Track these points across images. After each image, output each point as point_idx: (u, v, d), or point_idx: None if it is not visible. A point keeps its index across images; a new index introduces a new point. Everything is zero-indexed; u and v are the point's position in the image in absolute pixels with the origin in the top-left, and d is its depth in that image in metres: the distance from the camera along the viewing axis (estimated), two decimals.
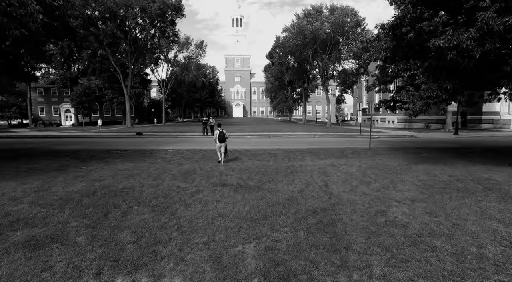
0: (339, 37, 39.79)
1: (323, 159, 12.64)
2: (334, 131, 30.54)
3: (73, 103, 53.37)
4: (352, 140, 21.39)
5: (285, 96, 71.19)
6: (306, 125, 48.00)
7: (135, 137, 23.11)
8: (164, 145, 18.16)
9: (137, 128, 37.87)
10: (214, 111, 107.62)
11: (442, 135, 25.00)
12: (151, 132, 26.58)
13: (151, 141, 20.72)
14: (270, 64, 72.35)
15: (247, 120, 78.94)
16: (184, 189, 8.03)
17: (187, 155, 13.84)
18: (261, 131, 26.98)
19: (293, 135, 23.86)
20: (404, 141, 21.09)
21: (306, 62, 46.42)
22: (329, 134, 24.75)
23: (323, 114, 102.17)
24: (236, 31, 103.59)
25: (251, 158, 13.07)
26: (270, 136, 23.12)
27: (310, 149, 15.63)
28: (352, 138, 22.73)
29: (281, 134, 24.82)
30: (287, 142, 20.03)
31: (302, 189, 7.98)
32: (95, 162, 12.10)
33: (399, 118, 43.14)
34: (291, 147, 16.85)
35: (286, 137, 22.93)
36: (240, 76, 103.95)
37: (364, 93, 56.74)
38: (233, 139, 21.87)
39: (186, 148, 16.38)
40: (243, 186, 8.30)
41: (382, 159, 12.76)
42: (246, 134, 24.48)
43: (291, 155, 13.65)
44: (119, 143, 19.60)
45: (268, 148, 16.23)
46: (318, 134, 23.95)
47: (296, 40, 37.80)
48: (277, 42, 48.02)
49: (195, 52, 58.55)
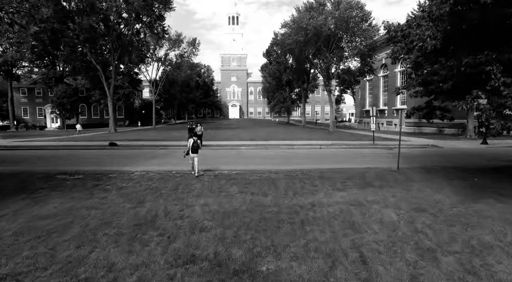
0: (342, 33, 36.37)
1: (341, 190, 9.15)
2: (340, 138, 27.10)
3: (54, 105, 49.46)
4: (366, 152, 17.94)
5: (283, 97, 67.74)
6: (306, 129, 44.48)
7: (107, 149, 19.45)
8: (135, 162, 14.57)
9: (120, 133, 34.24)
10: (209, 112, 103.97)
11: (469, 145, 21.58)
12: (129, 142, 22.88)
13: (123, 154, 17.09)
14: (268, 63, 68.87)
15: (243, 122, 75.34)
16: (117, 274, 4.49)
17: (156, 182, 10.28)
18: (256, 140, 23.44)
19: (295, 145, 20.33)
20: (428, 153, 17.64)
21: (307, 60, 42.94)
22: (336, 144, 21.25)
23: (322, 115, 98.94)
24: (232, 30, 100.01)
25: (242, 187, 9.56)
26: (268, 147, 19.59)
27: (320, 169, 12.14)
28: (365, 149, 19.27)
29: (280, 144, 21.28)
30: (288, 156, 16.50)
31: (324, 273, 4.49)
32: (19, 197, 8.50)
33: (407, 122, 39.80)
34: (295, 166, 13.36)
35: (287, 149, 19.42)
36: (236, 76, 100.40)
37: (368, 94, 53.40)
38: (222, 152, 18.33)
39: (160, 168, 12.81)
40: (222, 264, 4.80)
41: (422, 189, 9.29)
42: (239, 145, 20.86)
43: (297, 182, 10.14)
44: (81, 159, 15.99)
45: (265, 168, 12.72)
46: (324, 145, 20.45)
47: (297, 36, 34.30)
48: (275, 39, 44.53)
49: (188, 50, 54.88)
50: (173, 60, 56.63)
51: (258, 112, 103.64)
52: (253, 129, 42.68)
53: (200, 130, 19.42)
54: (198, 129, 19.41)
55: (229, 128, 46.45)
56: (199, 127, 19.44)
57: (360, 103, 57.15)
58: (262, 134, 30.43)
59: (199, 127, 19.45)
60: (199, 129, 19.43)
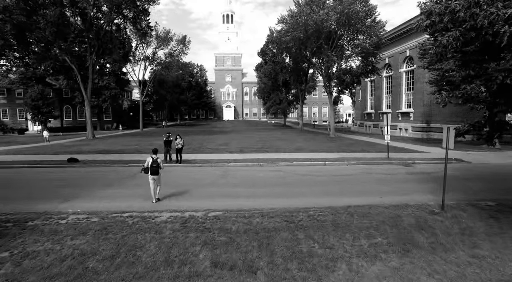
0: (344, 30, 33.10)
1: (373, 259, 5.78)
2: (345, 148, 23.79)
3: (27, 107, 45.51)
4: (382, 171, 14.60)
5: (279, 98, 64.37)
6: (305, 133, 41.17)
7: (64, 166, 15.81)
8: (85, 191, 11.01)
9: (96, 141, 30.64)
10: (203, 113, 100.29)
11: (499, 158, 18.32)
12: (96, 155, 19.14)
13: (76, 177, 13.45)
14: (263, 62, 65.51)
15: (237, 124, 71.81)
16: None
17: (91, 237, 6.79)
18: (249, 152, 20.02)
19: (294, 161, 16.86)
20: (460, 172, 14.23)
21: (306, 59, 39.61)
22: (343, 158, 17.87)
23: (320, 116, 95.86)
24: (226, 28, 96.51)
25: (218, 251, 6.13)
26: (261, 164, 16.12)
27: (332, 207, 8.76)
28: (379, 166, 15.91)
29: (277, 158, 17.75)
30: (287, 179, 13.02)
31: None
32: None
33: (414, 127, 36.65)
34: (296, 198, 9.99)
35: (285, 166, 15.98)
36: (231, 76, 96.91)
37: (369, 96, 50.22)
38: (205, 170, 14.87)
39: (113, 204, 9.33)
40: None
41: (498, 255, 5.95)
42: (227, 160, 17.23)
43: (302, 238, 6.73)
44: (19, 185, 12.46)
45: (256, 204, 9.32)
46: (329, 160, 17.06)
47: (296, 32, 30.93)
48: (270, 37, 41.11)
49: (177, 48, 51.25)
50: (161, 59, 52.96)
51: (253, 114, 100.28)
52: (247, 133, 39.24)
53: (179, 143, 15.93)
54: (178, 142, 15.92)
55: (222, 132, 42.98)
56: (178, 139, 15.94)
57: (361, 105, 53.98)
58: (256, 143, 27.00)
59: (179, 139, 15.94)
60: (179, 142, 15.93)
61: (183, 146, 16.15)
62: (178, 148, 15.96)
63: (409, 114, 37.51)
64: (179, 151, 16.07)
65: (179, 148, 15.99)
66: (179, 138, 15.94)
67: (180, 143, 15.90)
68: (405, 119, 38.41)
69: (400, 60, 39.33)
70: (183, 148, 16.25)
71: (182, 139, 16.00)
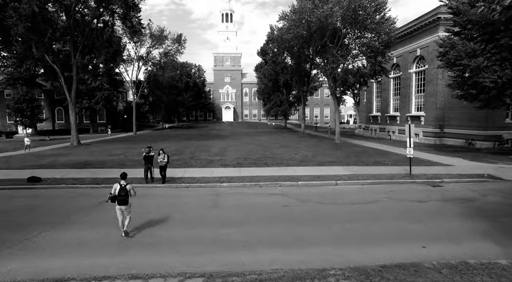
0: (349, 27, 30.52)
1: None
2: (354, 158, 21.25)
3: (10, 111, 42.85)
4: (407, 194, 11.98)
5: (280, 99, 61.80)
6: (308, 139, 38.62)
7: (20, 189, 13.10)
8: (23, 238, 8.43)
9: (79, 149, 28.11)
10: (202, 115, 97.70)
11: None
12: (67, 170, 16.41)
13: (25, 207, 10.65)
14: (263, 62, 62.93)
15: (236, 126, 69.17)
16: None
17: None
18: (246, 166, 17.43)
19: (299, 180, 13.82)
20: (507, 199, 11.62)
21: (309, 59, 37.03)
22: (357, 175, 15.21)
23: (321, 118, 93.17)
24: (226, 27, 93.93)
25: None
26: (261, 185, 13.44)
27: (361, 272, 6.15)
28: (401, 187, 13.32)
29: (279, 176, 15.02)
30: (291, 214, 10.13)
31: None
32: None
33: (426, 132, 34.01)
34: (306, 249, 7.37)
35: (288, 186, 13.29)
36: (230, 77, 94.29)
37: (375, 98, 47.58)
38: (191, 194, 12.24)
39: (64, 265, 6.76)
40: None
41: None
42: (219, 178, 14.54)
43: None
44: None
45: (250, 262, 6.74)
46: (340, 177, 14.43)
47: (298, 29, 28.37)
48: (271, 34, 38.48)
49: (172, 47, 48.64)
50: (156, 59, 50.36)
51: (253, 115, 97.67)
52: (245, 138, 36.60)
53: (163, 159, 13.29)
54: (161, 159, 13.28)
55: (219, 137, 40.34)
56: (161, 155, 13.30)
57: (366, 107, 51.35)
58: (255, 151, 24.39)
59: (162, 155, 13.30)
60: (162, 159, 13.29)
61: (167, 163, 13.54)
62: (161, 165, 13.34)
63: (420, 118, 34.86)
64: (163, 168, 13.45)
65: (163, 165, 13.37)
66: (162, 154, 13.32)
67: (164, 159, 13.28)
68: (416, 123, 35.70)
69: (410, 60, 36.69)
70: (167, 164, 13.63)
71: (165, 155, 13.37)
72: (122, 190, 7.89)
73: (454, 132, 30.76)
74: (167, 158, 13.35)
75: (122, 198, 7.86)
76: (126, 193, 7.89)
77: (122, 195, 7.86)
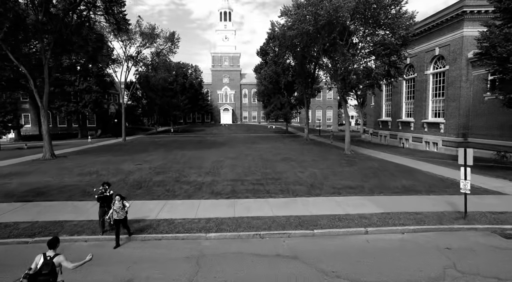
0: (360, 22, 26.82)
1: None
2: (374, 180, 17.65)
3: None
4: (482, 265, 8.26)
5: (280, 102, 58.00)
6: (313, 149, 34.91)
7: None
8: None
9: (52, 164, 24.45)
10: (199, 117, 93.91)
11: None
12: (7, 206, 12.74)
13: None
14: (263, 63, 59.18)
15: (235, 131, 65.23)
16: None
17: None
18: (243, 197, 13.73)
19: (314, 227, 9.82)
20: None
21: (314, 59, 33.27)
22: (391, 215, 11.44)
23: (324, 121, 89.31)
24: (224, 26, 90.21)
25: None
26: (262, 236, 9.62)
27: None
28: (458, 237, 9.57)
29: (285, 220, 10.53)
30: None
31: None
32: None
33: (446, 141, 30.24)
34: None
35: (300, 238, 9.28)
36: (228, 77, 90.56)
37: (385, 101, 43.84)
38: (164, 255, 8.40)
39: None
40: None
41: None
42: (205, 228, 10.29)
43: None
44: None
45: None
46: (369, 220, 10.58)
47: (304, 25, 24.63)
48: (272, 32, 34.72)
49: (165, 47, 44.85)
50: (148, 59, 46.59)
51: (253, 117, 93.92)
52: (243, 147, 32.70)
53: (120, 210, 8.91)
54: (117, 208, 8.88)
55: (214, 145, 36.47)
56: (117, 204, 8.88)
57: (374, 111, 47.61)
58: (255, 169, 20.61)
59: (119, 204, 8.89)
60: (118, 210, 8.89)
61: (126, 215, 9.14)
62: (118, 218, 8.95)
63: (439, 126, 31.11)
64: (123, 223, 9.11)
65: (121, 219, 9.01)
66: (118, 202, 8.92)
67: (121, 213, 8.89)
68: (434, 131, 32.03)
69: (427, 60, 32.96)
70: (126, 218, 9.17)
71: (123, 203, 8.96)
72: (46, 266, 5.11)
73: (481, 143, 27.01)
74: (127, 208, 9.03)
75: (45, 278, 5.07)
76: (51, 271, 5.13)
77: (45, 274, 5.08)
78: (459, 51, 28.09)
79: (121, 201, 8.97)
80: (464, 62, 27.77)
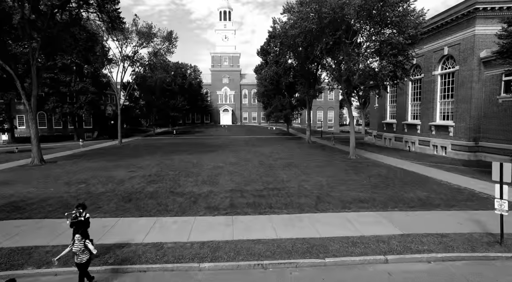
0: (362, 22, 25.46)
1: None
2: (387, 191, 16.33)
3: None
4: None
5: (281, 103, 56.67)
6: (316, 153, 33.53)
7: None
8: None
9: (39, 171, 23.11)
10: (199, 118, 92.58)
11: None
12: None
13: None
14: (263, 63, 57.80)
15: (235, 132, 63.88)
16: None
17: None
18: (242, 213, 12.37)
19: (325, 255, 8.26)
20: None
21: (317, 59, 31.90)
22: (412, 238, 9.94)
23: (325, 122, 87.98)
24: (224, 26, 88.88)
25: None
26: (265, 267, 8.36)
27: None
28: (496, 272, 8.22)
29: (291, 246, 9.11)
30: None
31: None
32: None
33: (455, 145, 28.81)
34: None
35: (307, 267, 8.05)
36: (228, 78, 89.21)
37: (389, 103, 42.45)
38: None
39: None
40: None
41: None
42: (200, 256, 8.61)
43: None
44: None
45: None
46: (389, 245, 9.09)
47: (307, 23, 23.27)
48: (273, 31, 33.35)
49: (162, 46, 43.45)
50: (145, 59, 45.19)
51: (253, 118, 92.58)
52: (243, 152, 31.31)
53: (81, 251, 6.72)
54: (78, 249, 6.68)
55: (212, 148, 35.08)
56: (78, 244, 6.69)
57: (378, 113, 46.18)
58: (255, 176, 19.21)
59: (80, 244, 6.70)
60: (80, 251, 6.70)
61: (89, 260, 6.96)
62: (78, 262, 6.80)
63: (447, 129, 29.68)
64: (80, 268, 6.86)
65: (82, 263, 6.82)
66: (79, 242, 6.70)
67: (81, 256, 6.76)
68: (442, 134, 30.61)
69: (434, 60, 31.55)
70: (89, 262, 7.01)
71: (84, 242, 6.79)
72: None
73: (494, 147, 25.60)
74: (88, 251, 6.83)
75: None
76: None
77: None
78: (471, 51, 26.68)
79: (82, 240, 6.78)
80: (476, 62, 26.36)
